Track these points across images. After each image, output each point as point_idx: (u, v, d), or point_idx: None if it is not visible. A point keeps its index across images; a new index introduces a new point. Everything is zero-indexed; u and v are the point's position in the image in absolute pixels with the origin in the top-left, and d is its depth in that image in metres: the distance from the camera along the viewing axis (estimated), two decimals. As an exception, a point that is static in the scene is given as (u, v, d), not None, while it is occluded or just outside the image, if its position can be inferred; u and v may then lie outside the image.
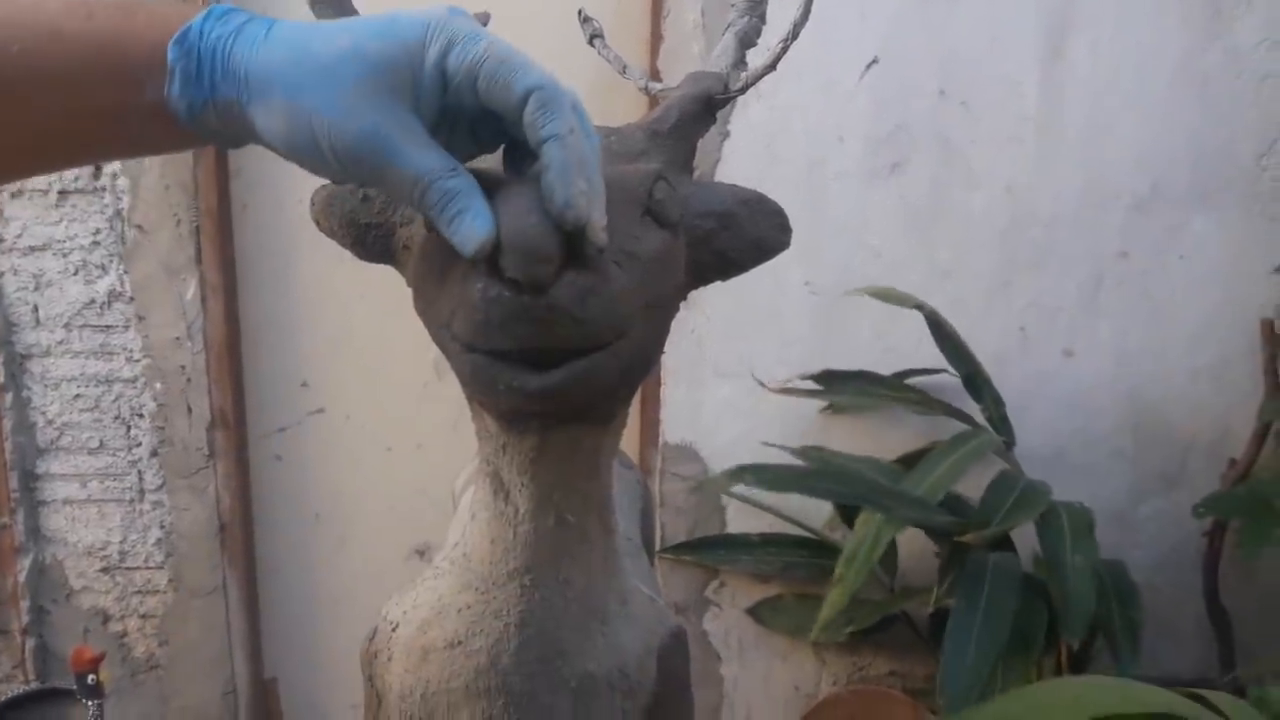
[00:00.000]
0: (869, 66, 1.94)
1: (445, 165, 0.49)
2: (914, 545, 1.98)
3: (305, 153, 0.50)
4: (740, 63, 0.72)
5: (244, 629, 2.12)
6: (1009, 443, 1.93)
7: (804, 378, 1.97)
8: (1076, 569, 1.66)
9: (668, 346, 0.64)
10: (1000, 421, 1.94)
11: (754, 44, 0.74)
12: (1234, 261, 2.02)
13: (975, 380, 1.93)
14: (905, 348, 2.01)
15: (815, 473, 1.81)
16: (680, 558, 2.09)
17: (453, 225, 0.49)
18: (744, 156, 1.96)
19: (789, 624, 2.08)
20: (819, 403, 2.03)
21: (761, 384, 1.96)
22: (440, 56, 0.48)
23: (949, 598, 1.69)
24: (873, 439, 2.02)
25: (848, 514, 1.93)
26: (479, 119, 0.52)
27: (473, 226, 0.48)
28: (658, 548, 2.06)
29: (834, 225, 1.99)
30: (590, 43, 0.79)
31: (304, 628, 2.23)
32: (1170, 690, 1.31)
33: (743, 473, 1.77)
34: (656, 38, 1.95)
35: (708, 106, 0.68)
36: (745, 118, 1.94)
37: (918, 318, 1.90)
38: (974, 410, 1.94)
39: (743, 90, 0.70)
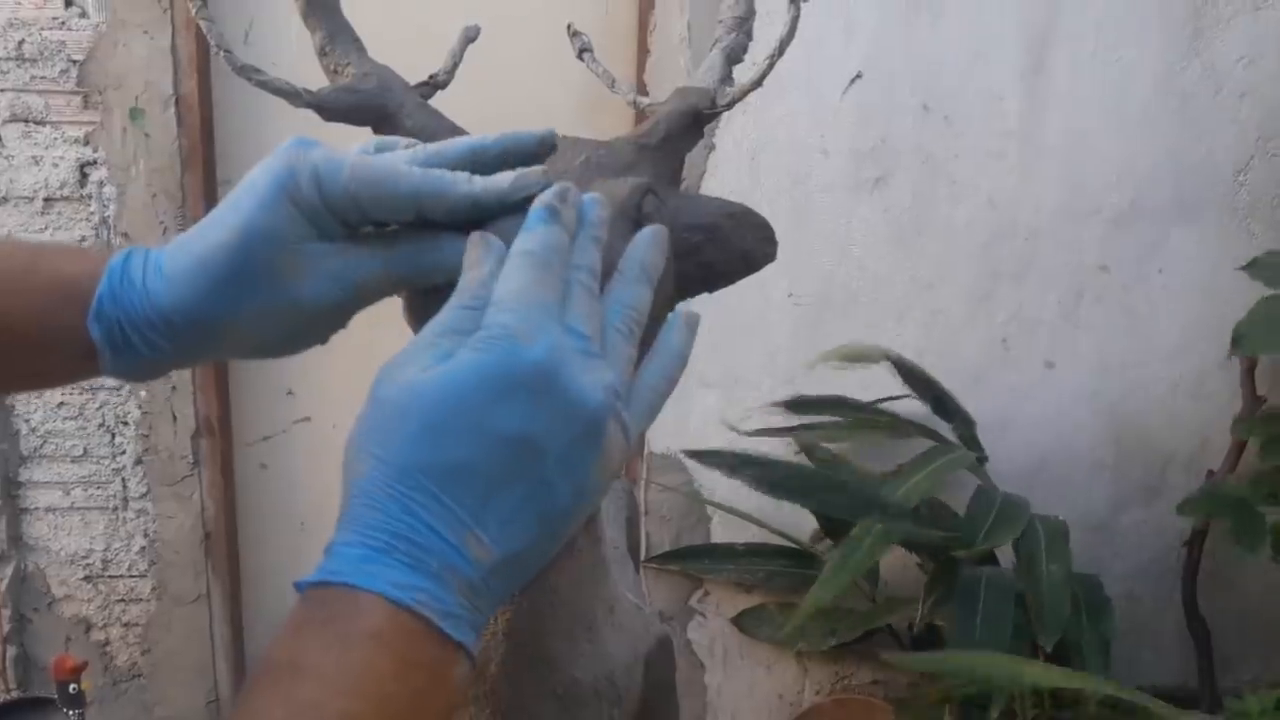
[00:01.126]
0: (853, 81, 1.96)
1: (386, 250, 0.51)
2: (895, 555, 1.99)
3: (281, 345, 0.53)
4: (727, 78, 0.73)
5: (227, 638, 2.11)
6: (981, 459, 1.95)
7: (775, 404, 1.97)
8: (1051, 575, 1.69)
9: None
10: (971, 440, 1.96)
11: (741, 60, 0.75)
12: (1212, 275, 2.05)
13: (944, 404, 1.95)
14: (888, 359, 2.03)
15: (815, 475, 1.81)
16: (665, 567, 2.09)
17: (430, 277, 0.52)
18: (730, 170, 1.97)
19: (773, 633, 2.09)
20: (795, 427, 2.04)
21: (734, 429, 1.97)
22: (314, 196, 0.49)
23: (934, 613, 1.70)
24: (849, 459, 2.03)
25: (831, 528, 1.94)
26: None
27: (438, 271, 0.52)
28: (643, 557, 2.07)
29: (818, 238, 2.01)
30: (579, 57, 0.80)
31: (288, 637, 2.22)
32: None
33: (744, 464, 1.76)
34: (643, 52, 1.96)
35: (695, 121, 0.68)
36: (731, 132, 1.96)
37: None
38: (947, 431, 1.96)
39: (729, 106, 0.71)
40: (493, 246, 0.48)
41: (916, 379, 1.93)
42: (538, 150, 0.54)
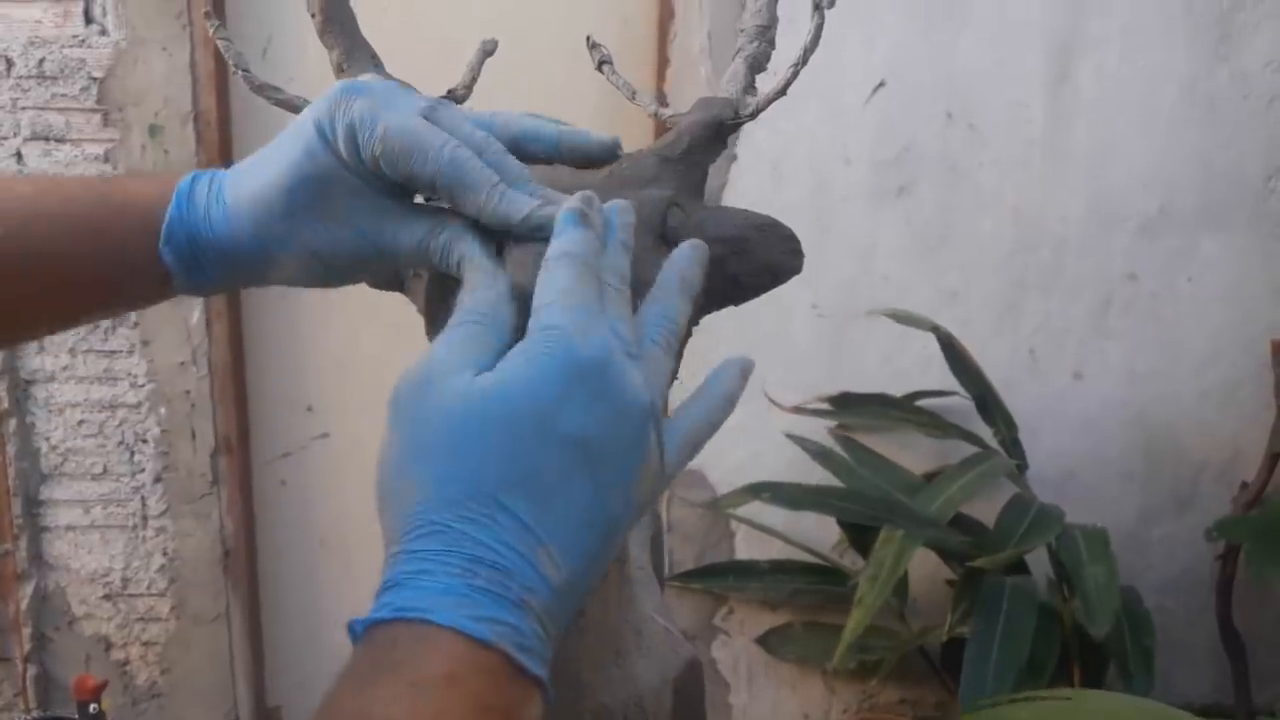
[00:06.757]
0: (876, 89, 1.94)
1: (427, 226, 0.51)
2: (924, 570, 1.96)
3: (318, 282, 0.54)
4: (750, 88, 0.72)
5: (247, 657, 2.10)
6: (1021, 466, 1.92)
7: (819, 399, 1.96)
8: (1097, 576, 1.65)
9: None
10: (1012, 444, 1.93)
11: (764, 69, 0.73)
12: (1242, 283, 2.02)
13: (987, 402, 1.92)
14: (913, 372, 2.00)
15: (832, 490, 1.79)
16: (688, 585, 2.07)
17: (460, 272, 0.51)
18: (751, 180, 1.95)
19: (798, 652, 2.06)
20: (829, 426, 2.02)
21: (775, 403, 1.95)
22: (350, 149, 0.49)
23: (963, 624, 1.67)
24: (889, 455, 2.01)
25: (856, 537, 1.92)
26: None
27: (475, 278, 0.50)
28: (665, 574, 2.04)
29: (841, 248, 1.99)
30: (599, 68, 0.78)
31: (308, 655, 2.21)
32: (1188, 714, 1.29)
33: (759, 490, 1.75)
34: (663, 62, 1.95)
35: (718, 132, 0.67)
36: (752, 141, 1.94)
37: (925, 341, 1.89)
38: (986, 434, 1.93)
39: (753, 116, 0.69)
40: (499, 276, 0.48)
41: (964, 366, 1.90)
42: (597, 154, 0.55)
